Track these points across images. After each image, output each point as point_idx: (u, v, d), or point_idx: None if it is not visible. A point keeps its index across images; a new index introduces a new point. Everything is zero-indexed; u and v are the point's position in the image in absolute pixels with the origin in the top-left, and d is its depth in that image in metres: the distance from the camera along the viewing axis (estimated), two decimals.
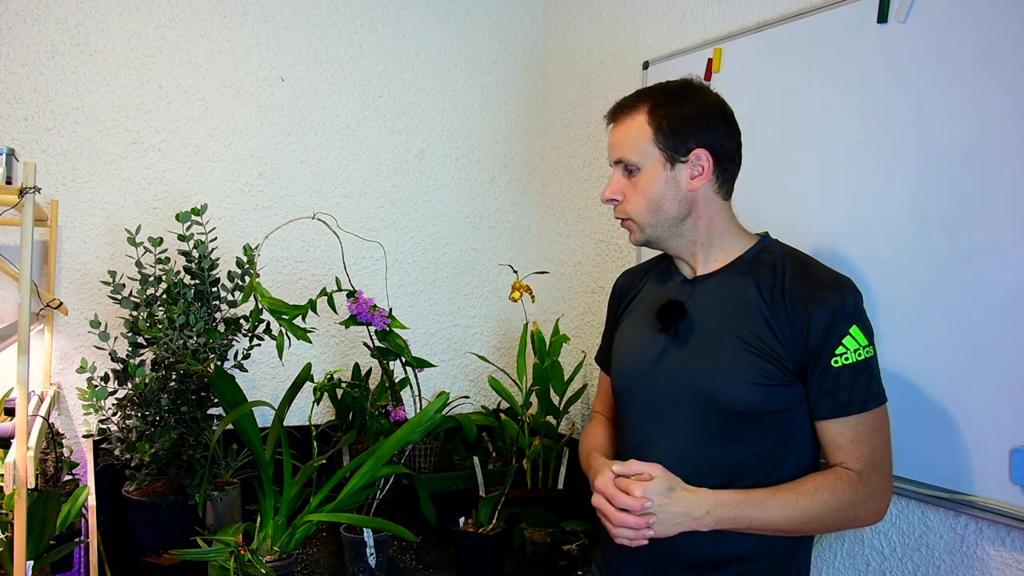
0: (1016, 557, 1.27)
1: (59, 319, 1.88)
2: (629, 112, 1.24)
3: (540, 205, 2.56)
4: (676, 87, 1.24)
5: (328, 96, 2.21)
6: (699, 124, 1.20)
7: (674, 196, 1.22)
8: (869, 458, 1.14)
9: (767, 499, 1.13)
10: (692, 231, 1.25)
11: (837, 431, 1.14)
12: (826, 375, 1.13)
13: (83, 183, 1.91)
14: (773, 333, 1.15)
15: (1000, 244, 1.27)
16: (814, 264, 1.21)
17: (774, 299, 1.17)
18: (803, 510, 1.12)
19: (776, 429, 1.17)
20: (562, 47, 2.45)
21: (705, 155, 1.21)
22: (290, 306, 1.73)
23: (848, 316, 1.12)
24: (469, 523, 1.74)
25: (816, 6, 1.59)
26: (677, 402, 1.22)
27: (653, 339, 1.27)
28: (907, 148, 1.41)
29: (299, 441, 1.93)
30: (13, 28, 1.83)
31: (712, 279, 1.25)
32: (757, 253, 1.24)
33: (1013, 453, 1.25)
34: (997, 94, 1.28)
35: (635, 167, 1.23)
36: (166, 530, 1.62)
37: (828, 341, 1.12)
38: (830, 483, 1.13)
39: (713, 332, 1.20)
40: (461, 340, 2.46)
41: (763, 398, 1.15)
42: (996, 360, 1.27)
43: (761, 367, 1.15)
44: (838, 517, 1.13)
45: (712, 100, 1.24)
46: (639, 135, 1.22)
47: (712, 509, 1.12)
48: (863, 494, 1.13)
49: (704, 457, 1.18)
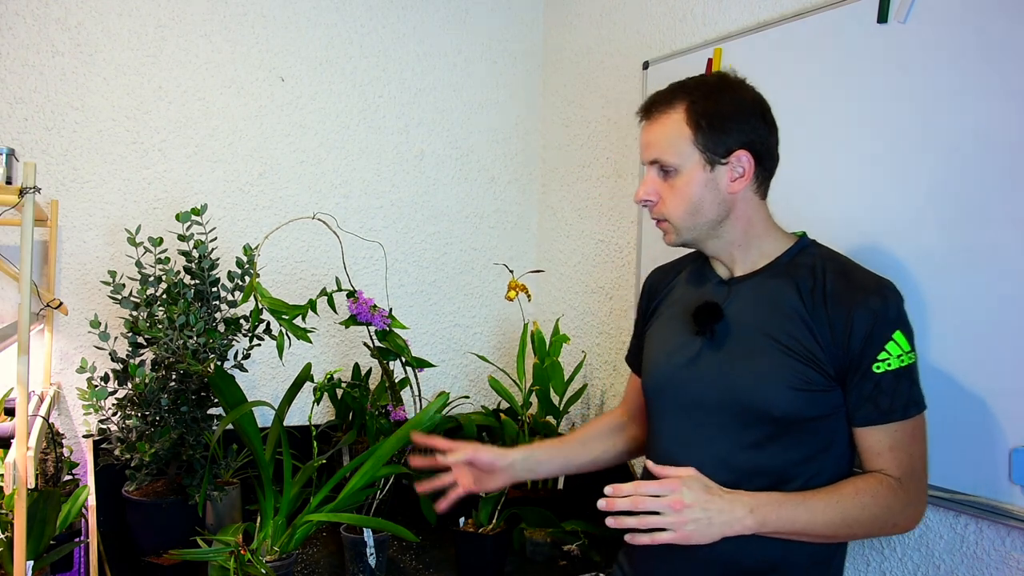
0: (1016, 557, 1.27)
1: (59, 319, 1.88)
2: (665, 109, 1.17)
3: (540, 205, 2.56)
4: (714, 82, 1.18)
5: (328, 96, 2.21)
6: (739, 122, 1.15)
7: (714, 199, 1.17)
8: (908, 465, 1.10)
9: (808, 500, 1.08)
10: (730, 232, 1.20)
11: (876, 438, 1.10)
12: (867, 381, 1.09)
13: (83, 183, 1.91)
14: (813, 337, 1.11)
15: (1000, 244, 1.27)
16: (855, 267, 1.16)
17: (814, 302, 1.12)
18: (844, 513, 1.07)
19: (815, 435, 1.13)
20: (562, 47, 2.45)
21: (746, 156, 1.16)
22: (290, 306, 1.73)
23: (891, 321, 1.09)
24: (469, 523, 1.74)
25: (816, 6, 1.59)
26: (712, 406, 1.17)
27: (688, 341, 1.22)
28: (907, 148, 1.41)
29: (299, 441, 1.93)
30: (13, 28, 1.83)
31: (749, 281, 1.20)
32: (796, 255, 1.19)
33: (1013, 453, 1.25)
34: (997, 94, 1.28)
35: (673, 169, 1.17)
36: (166, 530, 1.62)
37: (870, 346, 1.08)
38: (871, 487, 1.09)
39: (750, 335, 1.16)
40: (461, 340, 2.46)
41: (803, 404, 1.11)
42: (996, 360, 1.27)
43: (801, 372, 1.11)
44: (877, 523, 1.10)
45: (752, 96, 1.18)
46: (677, 135, 1.16)
47: (755, 508, 1.06)
48: (903, 501, 1.09)
49: (740, 463, 1.14)
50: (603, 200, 2.25)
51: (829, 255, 1.19)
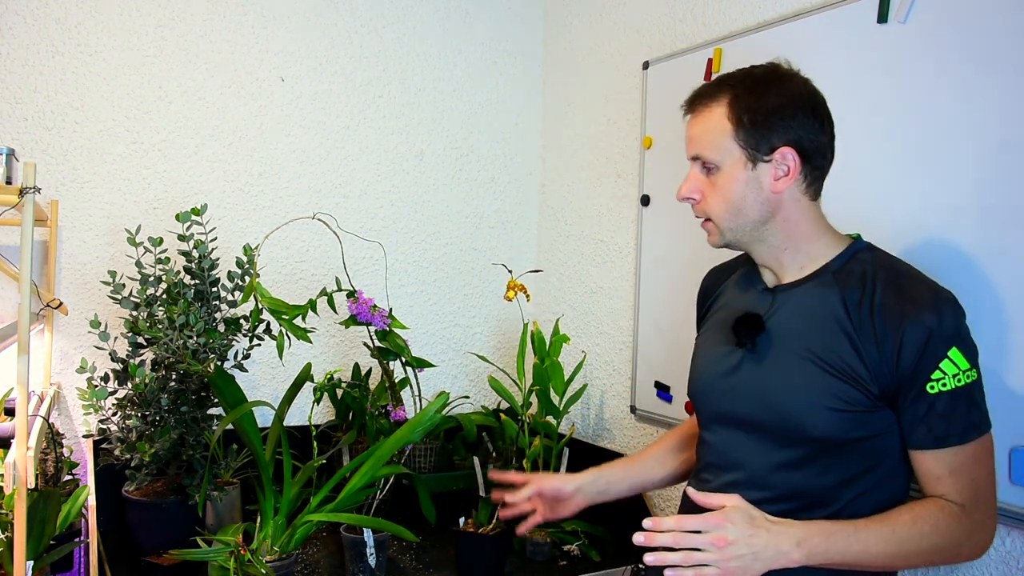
0: (1016, 557, 1.27)
1: (59, 319, 1.88)
2: (707, 103, 1.12)
3: (540, 205, 2.56)
4: (760, 75, 1.12)
5: (328, 96, 2.21)
6: (784, 118, 1.08)
7: (756, 198, 1.11)
8: (972, 491, 1.02)
9: (861, 530, 1.01)
10: (776, 235, 1.14)
11: (933, 462, 1.03)
12: (920, 402, 1.01)
13: (83, 183, 1.91)
14: (858, 354, 1.04)
15: (1000, 244, 1.27)
16: (911, 275, 1.08)
17: (861, 316, 1.05)
18: (900, 544, 1.00)
19: (861, 457, 1.06)
20: (562, 47, 2.45)
21: (791, 154, 1.09)
22: (290, 306, 1.73)
23: (946, 338, 1.00)
24: (469, 523, 1.74)
25: (816, 6, 1.59)
26: (751, 421, 1.12)
27: (729, 352, 1.17)
28: (907, 148, 1.41)
29: (299, 441, 1.93)
30: (13, 28, 1.83)
31: (795, 290, 1.14)
32: (846, 261, 1.12)
33: (1013, 453, 1.25)
34: (999, 93, 1.28)
35: (714, 165, 1.12)
36: (166, 530, 1.62)
37: (923, 365, 1.00)
38: (931, 515, 1.01)
39: (792, 349, 1.10)
40: (461, 340, 2.46)
41: (845, 425, 1.04)
42: (996, 360, 1.27)
43: (840, 391, 1.04)
44: (939, 553, 1.02)
45: (800, 90, 1.11)
46: (718, 130, 1.10)
47: (803, 541, 1.00)
48: (967, 529, 1.02)
49: (779, 482, 1.09)
50: (603, 200, 2.25)
51: (884, 261, 1.11)
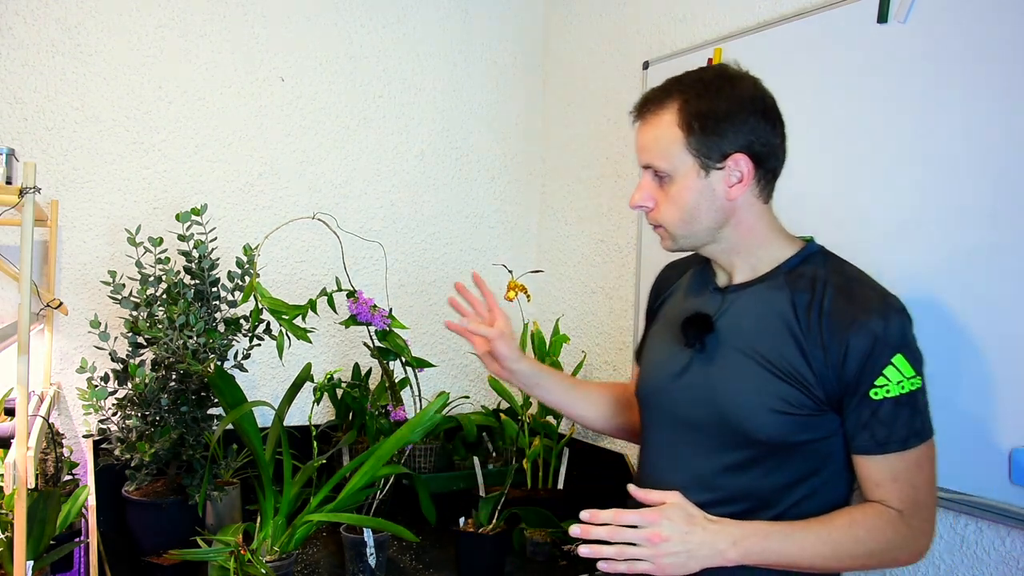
0: (1016, 557, 1.27)
1: (59, 319, 1.88)
2: (656, 110, 1.10)
3: (540, 205, 2.56)
4: (709, 78, 1.10)
5: (328, 96, 2.21)
6: (736, 123, 1.06)
7: (710, 206, 1.10)
8: (911, 498, 1.02)
9: (798, 531, 1.02)
10: (729, 238, 1.13)
11: (875, 468, 1.03)
12: (864, 407, 1.02)
13: (83, 183, 1.91)
14: (804, 357, 1.04)
15: (1000, 244, 1.27)
16: (861, 280, 1.08)
17: (810, 320, 1.04)
18: (836, 546, 1.01)
19: (804, 459, 1.06)
20: (562, 48, 2.45)
21: (744, 160, 1.07)
22: (290, 306, 1.73)
23: (892, 344, 1.00)
24: (469, 523, 1.74)
25: (816, 6, 1.59)
26: (698, 422, 1.12)
27: (679, 350, 1.16)
28: (907, 148, 1.41)
29: (299, 441, 1.93)
30: (13, 28, 1.83)
31: (746, 290, 1.13)
32: (798, 264, 1.11)
33: (1013, 453, 1.25)
34: (998, 94, 1.28)
35: (666, 175, 1.10)
36: (166, 530, 1.62)
37: (867, 371, 1.00)
38: (868, 520, 1.02)
39: (739, 350, 1.09)
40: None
41: (788, 428, 1.04)
42: (996, 360, 1.27)
43: (786, 394, 1.04)
44: (873, 558, 1.03)
45: (750, 92, 1.09)
46: (669, 139, 1.08)
47: (739, 540, 1.01)
48: (904, 535, 1.02)
49: (723, 483, 1.09)
50: (603, 200, 2.25)
51: (835, 266, 1.11)
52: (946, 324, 1.34)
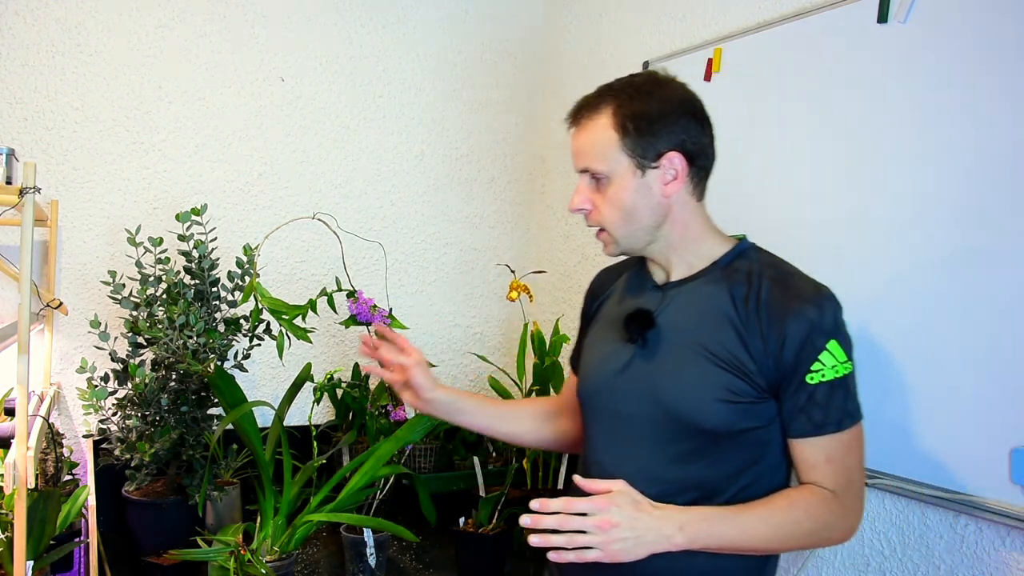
0: (1016, 557, 1.27)
1: (59, 319, 1.88)
2: (591, 115, 1.15)
3: (540, 205, 2.56)
4: (640, 83, 1.15)
5: (328, 96, 2.21)
6: (668, 123, 1.11)
7: (647, 204, 1.14)
8: (844, 478, 1.07)
9: (740, 515, 1.06)
10: (667, 237, 1.17)
11: (811, 450, 1.08)
12: (801, 392, 1.06)
13: (83, 183, 1.91)
14: (744, 346, 1.08)
15: (1001, 244, 1.27)
16: (793, 273, 1.13)
17: (748, 310, 1.09)
18: (777, 528, 1.06)
19: (747, 447, 1.10)
20: (562, 47, 2.45)
21: (678, 158, 1.12)
22: (290, 306, 1.73)
23: (826, 330, 1.05)
24: (469, 523, 1.74)
25: (816, 6, 1.59)
26: (643, 417, 1.15)
27: (620, 348, 1.19)
28: (907, 148, 1.41)
29: (299, 441, 1.93)
30: (13, 28, 1.83)
31: (684, 286, 1.17)
32: (734, 259, 1.16)
33: (1013, 453, 1.25)
34: (997, 94, 1.28)
35: (603, 176, 1.14)
36: (166, 530, 1.62)
37: (804, 357, 1.05)
38: (805, 501, 1.07)
39: (681, 344, 1.13)
40: (461, 340, 2.46)
41: (732, 416, 1.08)
42: (996, 360, 1.27)
43: (729, 383, 1.08)
44: (811, 537, 1.08)
45: (680, 95, 1.14)
46: (604, 141, 1.13)
47: (684, 525, 1.04)
48: (838, 514, 1.07)
49: (672, 475, 1.11)
50: None
51: (768, 260, 1.15)
52: (946, 324, 1.34)
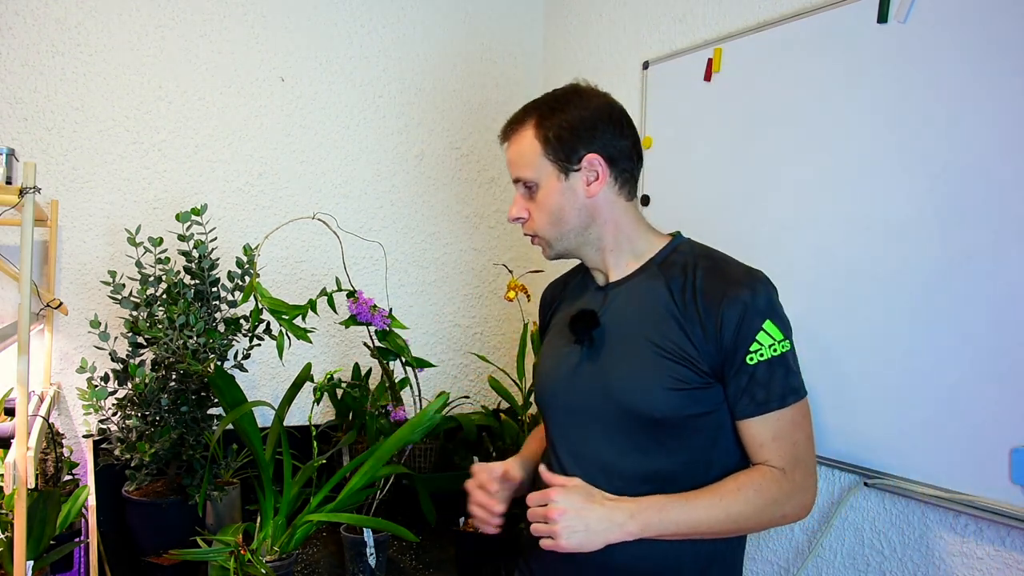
0: (1016, 557, 1.27)
1: (59, 319, 1.88)
2: (517, 129, 1.23)
3: None
4: (559, 95, 1.23)
5: (328, 96, 2.21)
6: (586, 129, 1.18)
7: (573, 205, 1.19)
8: (792, 454, 1.11)
9: (691, 500, 1.09)
10: (599, 238, 1.22)
11: (757, 429, 1.11)
12: (742, 373, 1.10)
13: (83, 183, 1.91)
14: (686, 335, 1.12)
15: (1000, 245, 1.27)
16: (726, 261, 1.17)
17: (685, 300, 1.13)
18: (728, 509, 1.09)
19: (700, 433, 1.14)
20: (562, 47, 2.45)
21: (598, 160, 1.18)
22: (290, 306, 1.73)
23: (760, 311, 1.09)
24: (469, 523, 1.74)
25: (816, 6, 1.59)
26: (596, 414, 1.18)
27: (569, 351, 1.24)
28: (907, 148, 1.41)
29: (299, 441, 1.93)
30: (13, 28, 1.83)
31: (624, 285, 1.22)
32: (668, 254, 1.21)
33: (1013, 453, 1.25)
34: (998, 94, 1.28)
35: (533, 184, 1.21)
36: (166, 530, 1.62)
37: (741, 338, 1.09)
38: (754, 481, 1.10)
39: (626, 339, 1.17)
40: (461, 340, 2.46)
41: (681, 403, 1.11)
42: (996, 361, 1.27)
43: (675, 372, 1.11)
44: (764, 515, 1.10)
45: (597, 102, 1.21)
46: (530, 151, 1.20)
47: (636, 513, 1.08)
48: (787, 491, 1.10)
49: (629, 468, 1.15)
50: None
51: (703, 252, 1.20)
52: (947, 324, 1.34)
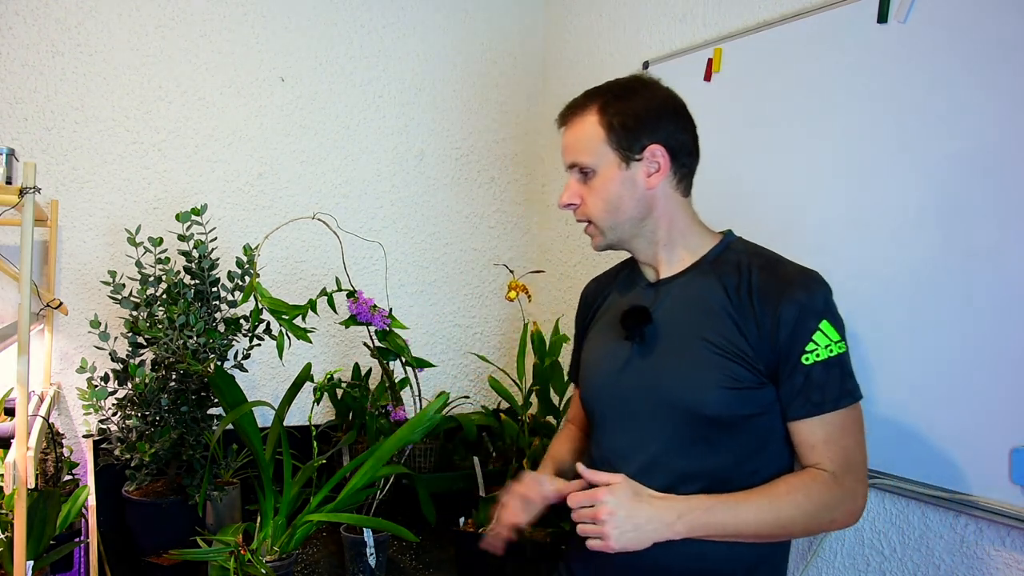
0: (1016, 557, 1.27)
1: (59, 319, 1.88)
2: (579, 113, 1.21)
3: (540, 205, 2.56)
4: (625, 83, 1.21)
5: (328, 96, 2.21)
6: (651, 119, 1.16)
7: (632, 195, 1.18)
8: (843, 458, 1.09)
9: (740, 503, 1.08)
10: (653, 231, 1.21)
11: (809, 431, 1.10)
12: (797, 373, 1.08)
13: (83, 183, 1.91)
14: (741, 334, 1.11)
15: (1000, 244, 1.27)
16: (780, 260, 1.16)
17: (740, 299, 1.12)
18: (778, 513, 1.07)
19: (750, 434, 1.12)
20: (562, 47, 2.45)
21: (660, 151, 1.16)
22: (290, 306, 1.73)
23: (817, 311, 1.08)
24: (469, 523, 1.74)
25: (816, 6, 1.59)
26: (647, 411, 1.17)
27: (619, 347, 1.22)
28: (907, 148, 1.41)
29: (299, 441, 1.93)
30: (13, 28, 1.83)
31: (676, 281, 1.21)
32: (721, 252, 1.20)
33: (1013, 453, 1.25)
34: (998, 94, 1.28)
35: (590, 170, 1.20)
36: (166, 530, 1.62)
37: (798, 338, 1.08)
38: (804, 485, 1.08)
39: (680, 336, 1.16)
40: (461, 340, 2.46)
41: (734, 402, 1.10)
42: (996, 360, 1.27)
43: (731, 370, 1.10)
44: (813, 520, 1.08)
45: (663, 94, 1.20)
46: (591, 136, 1.19)
47: (684, 514, 1.06)
48: (838, 496, 1.08)
49: (679, 466, 1.13)
50: None
51: (755, 251, 1.19)
52: (946, 324, 1.34)
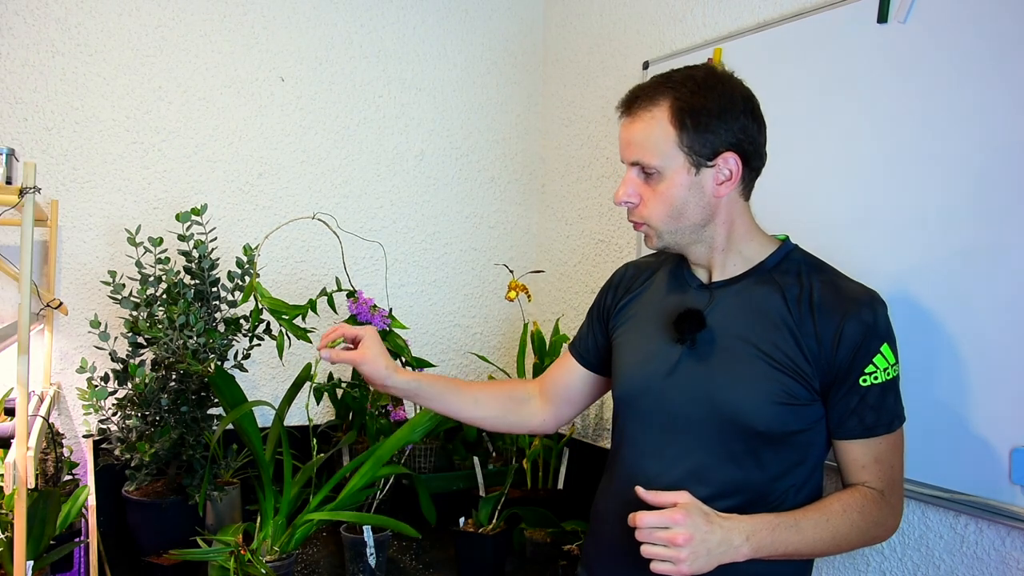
0: (1016, 557, 1.27)
1: (59, 319, 1.88)
2: (648, 106, 1.09)
3: (540, 205, 2.56)
4: (701, 78, 1.09)
5: (328, 96, 2.21)
6: (727, 121, 1.07)
7: (698, 203, 1.11)
8: (890, 477, 1.09)
9: (800, 520, 1.05)
10: (712, 237, 1.15)
11: (861, 451, 1.08)
12: (853, 394, 1.06)
13: (83, 183, 1.91)
14: (799, 347, 1.07)
15: (1001, 244, 1.27)
16: (840, 274, 1.13)
17: (801, 311, 1.08)
18: (835, 531, 1.05)
19: (793, 450, 1.10)
20: (562, 47, 2.45)
21: (734, 159, 1.09)
22: (290, 306, 1.73)
23: (880, 334, 1.06)
24: (469, 523, 1.74)
25: (816, 6, 1.59)
26: (693, 418, 1.12)
27: (666, 348, 1.16)
28: (907, 148, 1.41)
29: (299, 441, 1.93)
30: (13, 28, 1.83)
31: (732, 286, 1.15)
32: (780, 260, 1.15)
33: (1013, 453, 1.25)
34: (998, 94, 1.28)
35: (655, 171, 1.10)
36: (166, 530, 1.62)
37: (859, 359, 1.05)
38: (857, 503, 1.07)
39: (734, 344, 1.11)
40: (461, 340, 2.46)
41: (786, 418, 1.07)
42: (996, 360, 1.27)
43: (786, 385, 1.07)
44: (864, 536, 1.08)
45: (740, 92, 1.11)
46: (660, 135, 1.08)
47: (750, 535, 1.02)
48: (886, 513, 1.09)
49: (722, 477, 1.10)
50: (603, 200, 2.25)
51: (815, 263, 1.16)
52: (946, 324, 1.34)
